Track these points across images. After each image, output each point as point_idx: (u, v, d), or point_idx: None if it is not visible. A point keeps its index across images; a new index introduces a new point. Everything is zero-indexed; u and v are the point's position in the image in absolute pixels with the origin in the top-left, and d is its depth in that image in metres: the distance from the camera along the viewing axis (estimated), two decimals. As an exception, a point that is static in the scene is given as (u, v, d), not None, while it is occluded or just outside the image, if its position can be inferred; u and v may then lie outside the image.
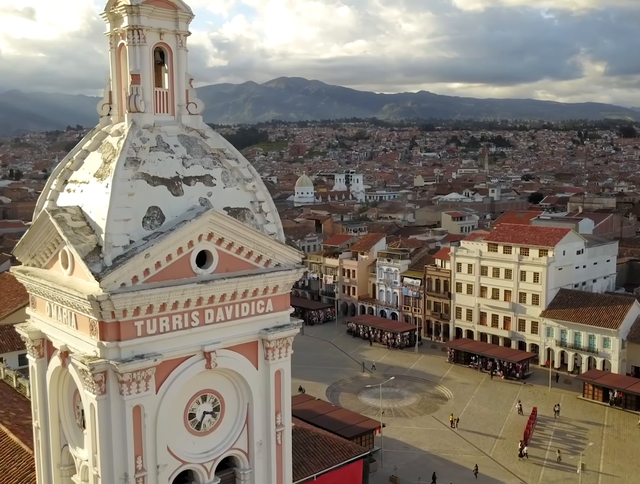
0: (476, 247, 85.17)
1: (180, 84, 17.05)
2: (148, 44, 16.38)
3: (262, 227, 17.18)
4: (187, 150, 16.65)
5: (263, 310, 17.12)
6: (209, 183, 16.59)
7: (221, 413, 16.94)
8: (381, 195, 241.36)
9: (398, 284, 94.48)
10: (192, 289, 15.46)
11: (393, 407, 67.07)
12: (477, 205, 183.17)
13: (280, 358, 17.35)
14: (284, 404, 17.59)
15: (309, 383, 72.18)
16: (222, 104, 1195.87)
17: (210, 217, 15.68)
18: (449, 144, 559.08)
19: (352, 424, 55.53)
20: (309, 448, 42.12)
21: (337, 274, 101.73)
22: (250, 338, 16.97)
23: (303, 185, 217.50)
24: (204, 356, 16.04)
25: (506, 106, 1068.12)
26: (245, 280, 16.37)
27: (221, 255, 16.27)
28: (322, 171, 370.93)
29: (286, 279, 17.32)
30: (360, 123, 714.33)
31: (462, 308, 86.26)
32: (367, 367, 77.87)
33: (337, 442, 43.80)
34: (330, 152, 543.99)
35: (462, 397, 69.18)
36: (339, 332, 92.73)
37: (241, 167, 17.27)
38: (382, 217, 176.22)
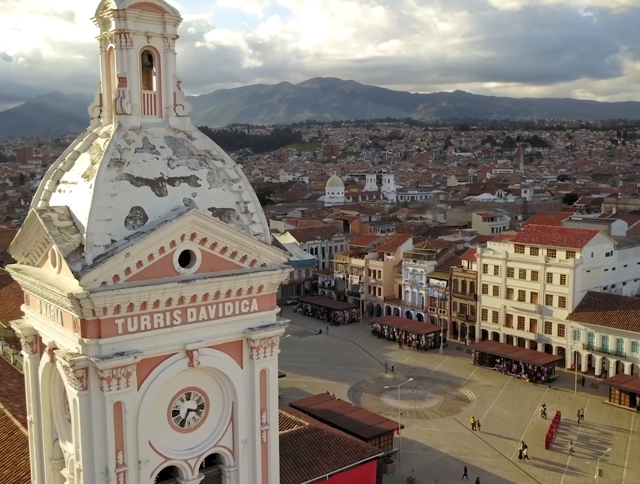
0: (503, 248, 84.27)
1: (168, 87, 17.31)
2: (135, 47, 16.68)
3: (247, 228, 17.36)
4: (173, 151, 16.91)
5: (248, 310, 17.30)
6: (194, 184, 16.83)
7: (206, 411, 17.18)
8: (412, 195, 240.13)
9: (424, 285, 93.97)
10: (173, 288, 15.72)
11: (414, 408, 66.74)
12: (509, 206, 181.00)
13: (266, 358, 17.52)
14: (270, 403, 17.75)
15: (332, 383, 72.35)
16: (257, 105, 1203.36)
17: (192, 217, 15.91)
18: (484, 144, 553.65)
19: (370, 424, 55.47)
20: (323, 448, 42.21)
21: (362, 275, 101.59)
22: (234, 337, 17.17)
23: (334, 185, 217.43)
24: (187, 354, 16.29)
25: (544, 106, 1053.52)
26: (227, 280, 16.57)
27: (205, 255, 16.50)
28: (355, 171, 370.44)
29: (271, 279, 17.48)
30: (395, 123, 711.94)
31: (488, 310, 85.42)
32: (390, 368, 77.63)
33: (351, 442, 43.80)
34: (364, 153, 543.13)
35: (485, 399, 68.53)
36: (364, 332, 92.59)
37: (227, 168, 17.48)
38: (412, 218, 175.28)
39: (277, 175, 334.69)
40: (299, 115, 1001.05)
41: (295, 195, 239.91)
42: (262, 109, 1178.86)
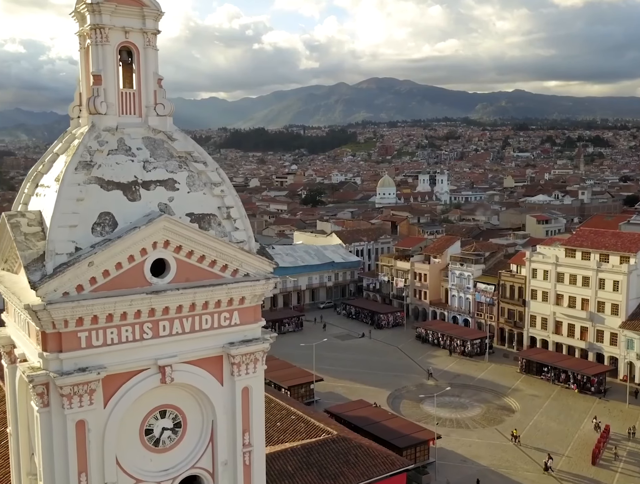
0: (553, 252, 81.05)
1: (148, 85, 16.33)
2: (111, 43, 15.77)
3: (230, 235, 16.24)
4: (150, 153, 15.93)
5: (228, 323, 16.17)
6: (171, 187, 15.80)
7: (183, 430, 16.13)
8: (466, 196, 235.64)
9: (471, 290, 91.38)
10: (141, 299, 14.70)
11: (455, 417, 64.60)
12: (566, 207, 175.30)
13: (248, 375, 16.36)
14: (253, 423, 16.58)
15: (371, 389, 70.86)
16: (314, 106, 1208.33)
17: (164, 223, 14.87)
18: (543, 144, 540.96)
19: (406, 433, 53.80)
20: (350, 458, 40.83)
21: (408, 278, 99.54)
22: (213, 352, 16.07)
23: (385, 186, 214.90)
24: (159, 370, 15.26)
25: (607, 105, 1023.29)
26: (203, 291, 15.47)
27: (180, 264, 15.44)
28: (409, 171, 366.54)
29: (254, 290, 16.30)
30: (452, 123, 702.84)
31: (537, 316, 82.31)
32: (433, 374, 75.59)
33: (380, 453, 42.26)
34: (419, 153, 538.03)
35: (530, 410, 65.81)
36: (408, 337, 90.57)
37: (209, 170, 16.40)
38: (465, 219, 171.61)
39: (330, 176, 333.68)
40: (354, 116, 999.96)
41: (346, 196, 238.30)
42: (318, 110, 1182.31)
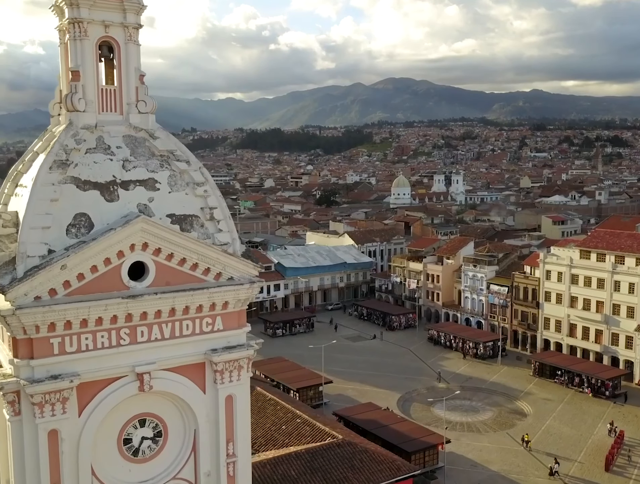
0: (567, 254, 79.71)
1: (130, 81, 15.79)
2: (90, 38, 15.23)
3: (213, 237, 15.64)
4: (131, 151, 15.37)
5: (210, 329, 15.58)
6: (151, 187, 15.23)
7: (163, 439, 15.56)
8: (482, 196, 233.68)
9: (484, 291, 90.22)
10: (117, 304, 14.13)
11: (466, 421, 63.58)
12: (582, 208, 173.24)
13: (232, 382, 15.75)
14: (238, 432, 15.97)
15: (382, 391, 70.02)
16: (330, 106, 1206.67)
17: (141, 225, 14.29)
18: (561, 144, 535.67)
19: (415, 437, 52.93)
20: (355, 463, 40.09)
21: (421, 279, 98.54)
22: (195, 359, 15.48)
23: (400, 186, 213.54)
24: (137, 377, 14.68)
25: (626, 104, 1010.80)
26: (183, 295, 14.88)
27: (159, 267, 14.86)
28: (425, 171, 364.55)
29: (237, 295, 15.67)
30: (469, 123, 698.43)
31: (551, 319, 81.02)
32: (444, 377, 74.59)
33: (386, 458, 41.49)
34: (436, 153, 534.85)
35: (543, 414, 64.63)
36: (420, 339, 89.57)
37: (192, 170, 15.81)
38: (480, 220, 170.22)
39: (345, 176, 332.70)
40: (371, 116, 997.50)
41: (361, 196, 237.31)
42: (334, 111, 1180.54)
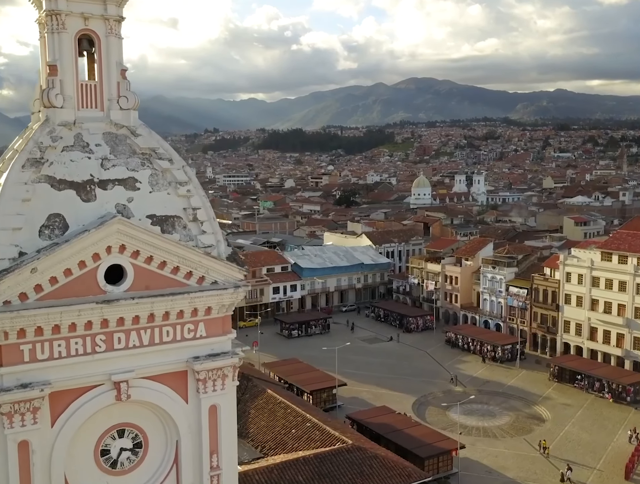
0: (588, 255, 78.04)
1: (111, 76, 15.13)
2: (69, 31, 14.57)
3: (196, 239, 14.91)
4: (110, 149, 14.69)
5: (193, 335, 14.84)
6: (131, 187, 14.54)
7: (144, 451, 14.86)
8: (504, 197, 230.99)
9: (503, 293, 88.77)
10: (91, 309, 13.45)
11: (482, 426, 62.36)
12: (606, 209, 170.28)
13: (216, 392, 15.01)
14: (222, 444, 15.22)
15: (397, 394, 69.04)
16: (352, 106, 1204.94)
17: (118, 226, 13.60)
18: (585, 144, 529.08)
19: (429, 442, 51.96)
20: (364, 469, 39.26)
21: (439, 280, 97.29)
22: (176, 367, 14.76)
23: (420, 186, 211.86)
24: (114, 386, 14.00)
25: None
26: (162, 300, 14.15)
27: (138, 270, 14.16)
28: (447, 171, 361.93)
29: (221, 300, 14.93)
30: (491, 123, 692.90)
31: (571, 322, 79.38)
32: (461, 380, 73.37)
33: (396, 464, 40.59)
34: (458, 153, 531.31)
35: (561, 420, 63.19)
36: (437, 341, 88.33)
37: (175, 168, 15.09)
38: (501, 221, 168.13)
39: (365, 176, 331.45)
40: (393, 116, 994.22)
41: (381, 196, 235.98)
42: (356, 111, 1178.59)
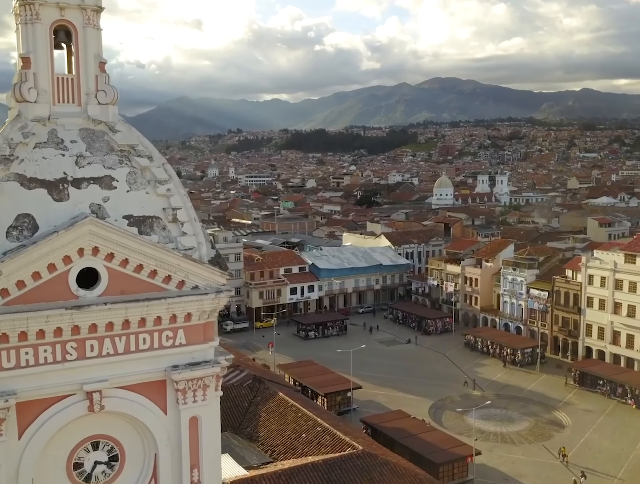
0: (611, 258, 76.17)
1: (89, 69, 14.34)
2: (43, 21, 13.83)
3: (176, 240, 14.10)
4: (87, 146, 13.93)
5: (171, 343, 14.03)
6: (107, 186, 13.76)
7: (120, 464, 14.07)
8: (527, 197, 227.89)
9: (523, 296, 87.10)
10: (60, 315, 12.68)
11: (500, 431, 60.96)
12: (632, 210, 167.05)
13: (197, 403, 14.17)
14: (203, 458, 14.38)
15: (413, 398, 67.92)
16: (375, 107, 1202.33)
17: (89, 227, 12.82)
18: (611, 144, 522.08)
19: (444, 448, 50.90)
20: (374, 476, 38.12)
21: (458, 282, 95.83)
22: (154, 376, 13.95)
23: (442, 186, 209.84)
24: (86, 396, 13.24)
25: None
26: (137, 306, 13.35)
27: (113, 274, 13.38)
28: (470, 171, 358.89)
29: (201, 306, 14.09)
30: (516, 123, 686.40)
31: (593, 325, 77.55)
32: (480, 384, 71.98)
33: (408, 471, 39.42)
34: (482, 153, 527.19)
35: (582, 426, 61.58)
36: (456, 344, 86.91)
37: (155, 166, 14.29)
38: (524, 222, 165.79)
39: (387, 176, 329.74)
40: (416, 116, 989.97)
41: (403, 196, 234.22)
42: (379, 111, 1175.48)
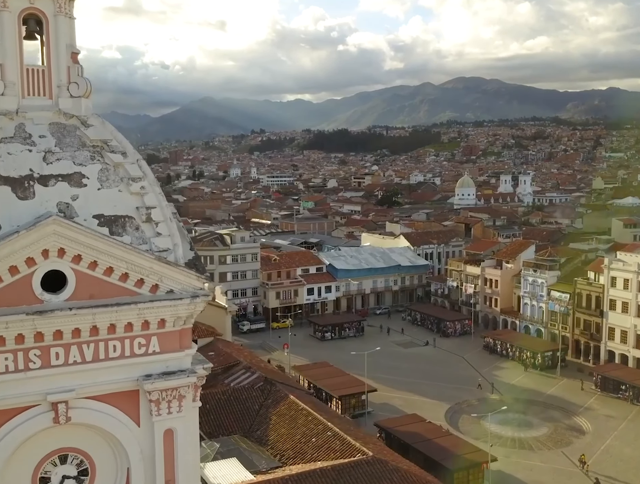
0: (634, 259, 74.20)
1: (60, 60, 13.55)
2: (12, 9, 13.07)
3: (150, 242, 13.26)
4: (56, 141, 13.14)
5: (144, 351, 13.18)
6: (76, 183, 12.96)
7: (90, 478, 13.26)
8: (551, 198, 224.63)
9: (544, 298, 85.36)
10: (20, 321, 11.89)
11: (518, 436, 59.54)
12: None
13: (172, 414, 13.31)
14: (179, 472, 13.52)
15: (430, 401, 66.72)
16: (398, 106, 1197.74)
17: (53, 227, 12.02)
18: (638, 144, 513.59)
19: (459, 454, 49.64)
20: (384, 483, 37.20)
21: (478, 283, 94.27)
22: (125, 386, 13.11)
23: (464, 186, 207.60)
24: (51, 407, 12.45)
25: None
26: (105, 311, 12.52)
27: (81, 277, 12.56)
28: (493, 171, 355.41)
29: (176, 311, 13.22)
30: (540, 122, 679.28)
31: (616, 329, 75.64)
32: (497, 388, 70.51)
33: (419, 478, 38.30)
34: (505, 153, 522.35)
35: (603, 432, 59.94)
36: (475, 347, 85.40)
37: (128, 163, 13.46)
38: (547, 222, 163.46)
39: (408, 176, 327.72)
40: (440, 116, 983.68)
41: (424, 196, 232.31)
42: (402, 111, 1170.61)
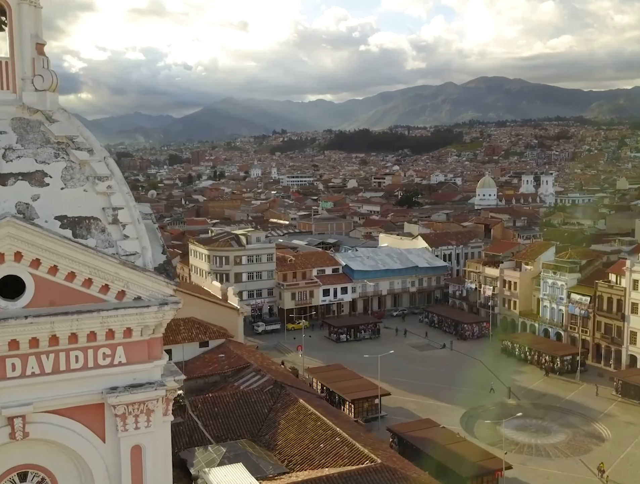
0: (657, 262, 72.40)
1: (24, 51, 12.77)
2: (-28, -3, 12.33)
3: (116, 245, 12.40)
4: (18, 138, 12.34)
5: (109, 362, 12.33)
6: (38, 182, 12.16)
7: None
8: (574, 198, 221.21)
9: (564, 300, 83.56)
10: (-28, 330, 11.12)
11: (535, 443, 58.07)
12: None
13: (139, 429, 12.45)
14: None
15: (445, 406, 65.46)
16: (420, 106, 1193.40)
17: (8, 230, 11.21)
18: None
19: (473, 461, 48.35)
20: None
21: (496, 285, 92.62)
22: (89, 399, 12.29)
23: (485, 186, 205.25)
24: (7, 422, 11.64)
25: None
26: (64, 320, 11.68)
27: (40, 283, 11.75)
28: (515, 171, 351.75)
29: (142, 320, 12.35)
30: (564, 122, 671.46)
31: (638, 333, 73.76)
32: (516, 392, 69.01)
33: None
34: (528, 153, 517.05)
35: (623, 440, 58.22)
36: (492, 350, 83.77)
37: (95, 161, 12.62)
38: (569, 223, 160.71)
39: (429, 176, 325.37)
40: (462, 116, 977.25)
41: (445, 197, 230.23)
42: (424, 110, 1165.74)
